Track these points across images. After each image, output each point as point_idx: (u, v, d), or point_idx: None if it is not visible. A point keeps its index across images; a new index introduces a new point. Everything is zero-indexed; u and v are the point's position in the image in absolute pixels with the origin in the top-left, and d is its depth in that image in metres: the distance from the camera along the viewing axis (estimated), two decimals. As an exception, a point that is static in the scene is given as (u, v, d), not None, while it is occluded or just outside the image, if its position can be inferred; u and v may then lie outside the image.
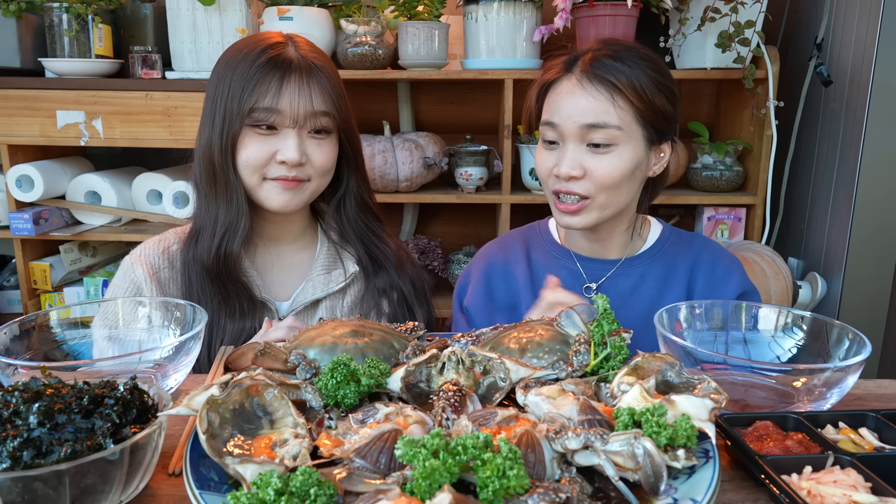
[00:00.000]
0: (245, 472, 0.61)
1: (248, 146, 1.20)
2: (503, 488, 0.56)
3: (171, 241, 1.33)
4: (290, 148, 1.19)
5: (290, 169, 1.21)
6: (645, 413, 0.65)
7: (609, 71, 1.18)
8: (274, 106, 1.18)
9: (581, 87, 1.19)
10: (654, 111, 1.19)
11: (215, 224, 1.24)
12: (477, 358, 0.83)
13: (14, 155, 2.26)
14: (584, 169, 1.19)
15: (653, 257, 1.34)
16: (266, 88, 1.17)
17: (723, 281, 1.30)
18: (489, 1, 2.14)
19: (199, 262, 1.24)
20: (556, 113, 1.21)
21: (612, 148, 1.18)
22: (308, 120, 1.21)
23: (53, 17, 2.20)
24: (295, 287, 1.34)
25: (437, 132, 2.44)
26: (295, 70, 1.19)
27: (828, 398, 0.84)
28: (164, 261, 1.29)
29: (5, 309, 2.56)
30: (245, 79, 1.18)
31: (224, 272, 1.23)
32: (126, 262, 1.30)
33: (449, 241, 2.68)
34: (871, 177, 2.06)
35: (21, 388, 0.70)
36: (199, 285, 1.24)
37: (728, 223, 2.35)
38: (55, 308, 1.10)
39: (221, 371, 0.87)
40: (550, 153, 1.24)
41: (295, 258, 1.36)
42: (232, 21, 2.16)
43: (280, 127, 1.20)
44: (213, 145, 1.22)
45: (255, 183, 1.23)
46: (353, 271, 1.35)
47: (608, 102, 1.17)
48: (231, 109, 1.19)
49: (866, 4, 2.04)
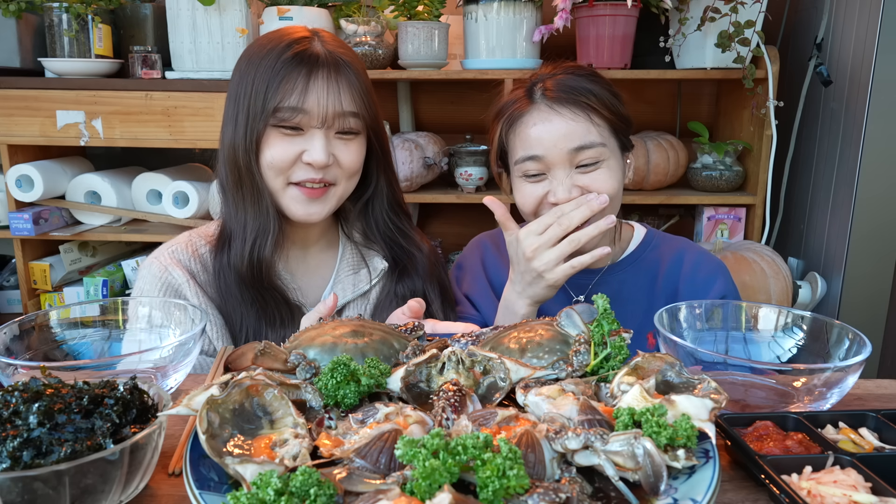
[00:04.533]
0: (245, 472, 0.61)
1: (273, 147, 1.14)
2: (503, 488, 0.56)
3: (197, 243, 1.26)
4: (317, 149, 1.13)
5: (316, 171, 1.15)
6: (645, 413, 0.65)
7: (577, 91, 1.18)
8: (300, 105, 1.11)
9: (556, 112, 1.18)
10: (622, 120, 1.22)
11: (245, 229, 1.18)
12: (477, 358, 0.83)
13: (14, 155, 2.26)
14: (580, 190, 1.18)
15: (633, 263, 1.34)
16: (292, 86, 1.11)
17: (705, 285, 1.29)
18: (489, 1, 2.14)
19: (234, 269, 1.18)
20: (536, 145, 1.18)
21: (601, 164, 1.19)
22: (336, 120, 1.14)
23: (53, 16, 2.20)
24: (321, 288, 1.30)
25: (437, 132, 2.44)
26: (322, 66, 1.13)
27: (828, 398, 0.84)
28: (196, 264, 1.23)
29: (5, 309, 2.56)
30: (269, 76, 1.11)
31: (259, 279, 1.17)
32: (155, 266, 1.21)
33: (449, 241, 2.68)
34: (871, 176, 2.07)
35: (21, 388, 0.70)
36: (236, 292, 1.18)
37: (728, 223, 2.35)
38: (55, 308, 1.10)
39: (221, 371, 0.87)
40: (535, 185, 1.21)
41: (318, 259, 1.32)
42: (232, 21, 2.16)
43: (306, 127, 1.14)
44: (237, 146, 1.15)
45: (278, 187, 1.17)
46: (381, 268, 1.30)
47: (587, 122, 1.17)
48: (255, 108, 1.12)
49: (866, 4, 2.04)
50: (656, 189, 2.36)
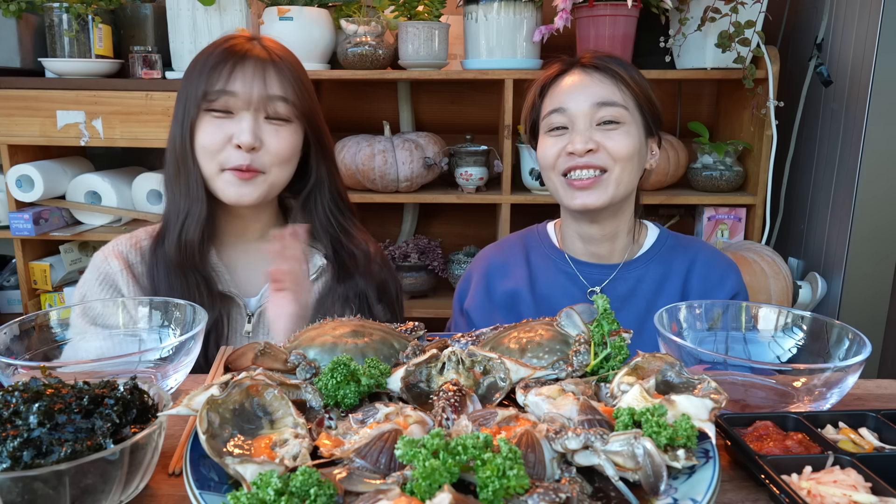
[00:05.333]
0: (245, 472, 0.61)
1: (204, 131, 1.21)
2: (503, 488, 0.56)
3: (141, 237, 1.33)
4: (244, 130, 1.18)
5: (244, 156, 1.19)
6: (645, 413, 0.65)
7: (610, 64, 1.29)
8: (226, 88, 1.18)
9: (587, 75, 1.28)
10: (649, 101, 1.30)
11: (178, 215, 1.25)
12: (477, 358, 0.83)
13: (14, 155, 2.26)
14: (598, 143, 1.24)
15: (649, 261, 1.36)
16: (220, 72, 1.19)
17: (719, 284, 1.32)
18: (489, 1, 2.14)
19: (166, 256, 1.25)
20: (564, 99, 1.27)
21: (621, 126, 1.26)
22: (263, 104, 1.20)
23: (53, 17, 2.20)
24: (261, 284, 1.33)
25: (437, 132, 2.44)
26: (251, 57, 1.21)
27: (828, 398, 0.84)
28: (135, 255, 1.29)
29: (5, 309, 2.56)
30: (203, 67, 1.21)
31: (186, 262, 1.23)
32: (98, 257, 1.30)
33: (449, 241, 2.68)
34: (871, 176, 2.07)
35: (21, 388, 0.70)
36: (165, 279, 1.24)
37: (728, 223, 2.36)
38: (55, 308, 1.10)
39: (221, 371, 0.87)
40: (557, 139, 1.28)
41: (262, 254, 1.33)
42: (232, 21, 2.16)
43: (236, 111, 1.20)
44: (175, 136, 1.24)
45: (212, 172, 1.22)
46: (319, 265, 1.34)
47: (614, 86, 1.27)
48: (190, 97, 1.21)
49: (866, 4, 2.04)
50: (656, 189, 2.36)
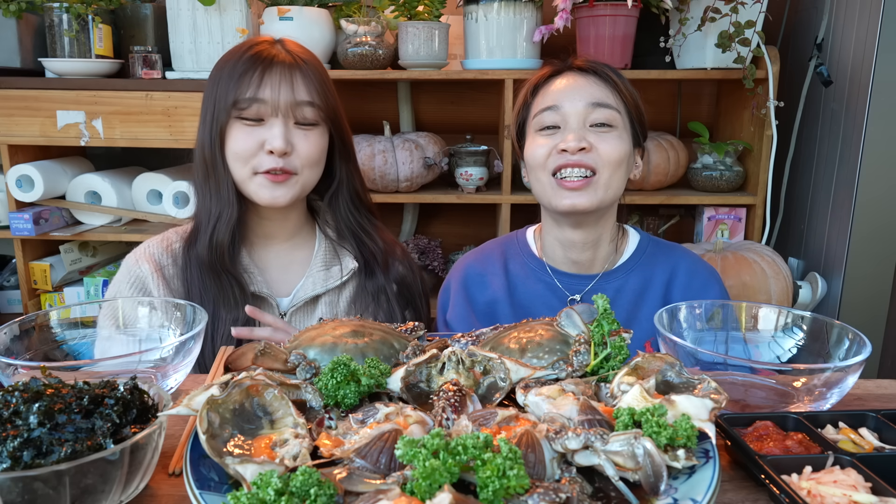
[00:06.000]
0: (245, 472, 0.61)
1: (236, 137, 1.23)
2: (503, 488, 0.56)
3: (172, 239, 1.36)
4: (276, 136, 1.21)
5: (277, 160, 1.23)
6: (645, 413, 0.65)
7: (603, 69, 1.28)
8: (256, 95, 1.21)
9: (582, 76, 1.27)
10: (639, 111, 1.29)
11: (209, 218, 1.28)
12: (477, 358, 0.83)
13: (14, 155, 2.26)
14: (590, 144, 1.22)
15: (629, 271, 1.34)
16: (249, 80, 1.21)
17: (701, 293, 1.29)
18: (489, 1, 2.14)
19: (199, 258, 1.28)
20: (558, 98, 1.25)
21: (613, 129, 1.24)
22: (292, 109, 1.23)
23: (53, 17, 2.20)
24: (295, 283, 1.36)
25: (437, 132, 2.44)
26: (278, 63, 1.23)
27: (828, 398, 0.84)
28: (167, 258, 1.32)
29: (5, 309, 2.56)
30: (231, 74, 1.23)
31: (218, 264, 1.26)
32: (130, 260, 1.32)
33: (449, 241, 2.68)
34: (871, 177, 2.06)
35: (21, 388, 0.70)
36: (199, 281, 1.27)
37: (728, 223, 2.35)
38: (55, 308, 1.10)
39: (221, 371, 0.87)
40: (548, 138, 1.26)
41: (293, 255, 1.38)
42: (232, 21, 2.16)
43: (266, 118, 1.23)
44: (205, 142, 1.26)
45: (245, 176, 1.25)
46: (351, 267, 1.37)
47: (608, 89, 1.26)
48: (219, 105, 1.23)
49: (866, 4, 2.04)
50: (656, 189, 2.36)
